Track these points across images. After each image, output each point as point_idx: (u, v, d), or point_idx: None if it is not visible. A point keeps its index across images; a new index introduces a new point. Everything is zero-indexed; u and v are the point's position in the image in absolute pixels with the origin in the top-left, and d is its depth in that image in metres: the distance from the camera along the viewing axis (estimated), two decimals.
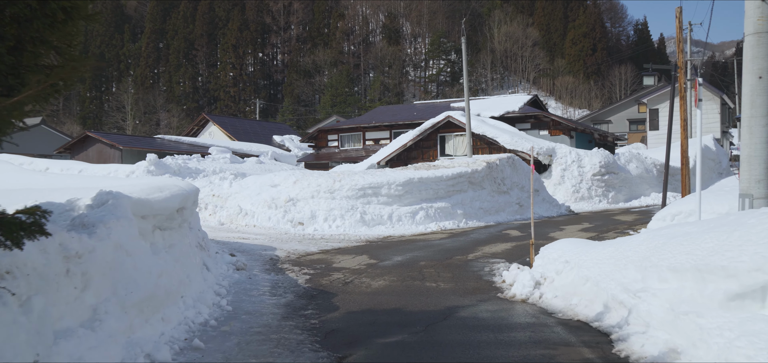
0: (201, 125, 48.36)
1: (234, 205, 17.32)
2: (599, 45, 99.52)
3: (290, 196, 17.03)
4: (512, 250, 12.02)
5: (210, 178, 19.04)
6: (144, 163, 19.98)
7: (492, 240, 13.84)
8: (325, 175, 17.87)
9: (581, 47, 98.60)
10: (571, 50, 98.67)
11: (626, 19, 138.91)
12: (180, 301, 5.69)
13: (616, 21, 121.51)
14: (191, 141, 38.04)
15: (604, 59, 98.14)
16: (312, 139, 38.59)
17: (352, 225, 16.17)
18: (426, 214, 16.98)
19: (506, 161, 20.67)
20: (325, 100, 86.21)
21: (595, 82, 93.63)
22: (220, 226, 16.66)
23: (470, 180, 18.66)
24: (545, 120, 31.45)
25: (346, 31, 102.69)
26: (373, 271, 9.37)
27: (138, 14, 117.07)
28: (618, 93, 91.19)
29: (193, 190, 6.65)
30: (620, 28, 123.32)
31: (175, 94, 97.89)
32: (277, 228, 16.15)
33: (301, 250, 11.95)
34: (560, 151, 27.48)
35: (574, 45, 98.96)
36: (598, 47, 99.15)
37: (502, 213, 19.34)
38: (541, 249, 8.38)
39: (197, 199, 7.45)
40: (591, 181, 26.71)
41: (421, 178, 17.46)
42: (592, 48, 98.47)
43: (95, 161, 28.78)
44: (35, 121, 57.94)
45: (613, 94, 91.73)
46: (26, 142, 46.97)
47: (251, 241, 13.45)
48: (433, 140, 30.31)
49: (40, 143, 43.01)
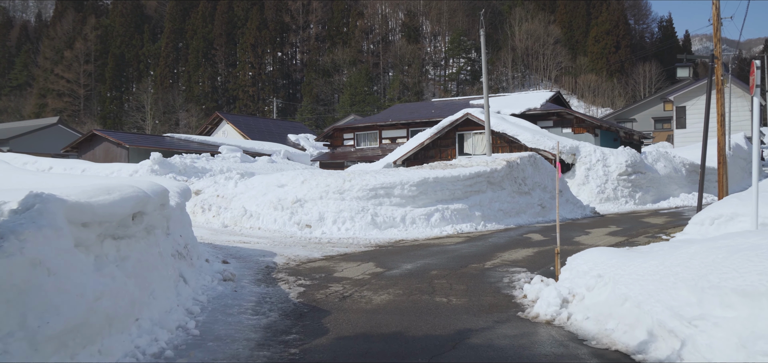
0: (215, 124, 47.63)
1: (238, 206, 16.40)
2: (622, 42, 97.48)
3: (297, 196, 16.06)
4: (534, 257, 10.92)
5: (215, 178, 18.16)
6: (148, 162, 19.15)
7: (512, 245, 12.74)
8: (334, 174, 16.88)
9: (604, 45, 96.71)
10: (593, 48, 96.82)
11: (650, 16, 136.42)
12: (132, 326, 4.72)
13: (639, 18, 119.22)
14: (201, 139, 37.20)
15: (628, 57, 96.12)
16: (327, 138, 37.63)
17: (362, 228, 15.16)
18: (442, 217, 15.91)
19: (527, 160, 19.52)
20: (343, 100, 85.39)
21: (618, 80, 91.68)
22: (223, 228, 15.75)
23: (489, 180, 17.54)
24: (568, 117, 30.18)
25: (365, 30, 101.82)
26: (378, 282, 8.34)
27: (158, 14, 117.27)
28: (642, 91, 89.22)
29: (157, 191, 5.67)
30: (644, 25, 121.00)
31: (194, 93, 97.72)
32: (282, 231, 15.20)
33: (303, 256, 10.96)
34: (584, 150, 26.24)
35: (597, 42, 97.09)
36: (622, 44, 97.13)
37: (523, 215, 18.20)
38: (568, 259, 7.28)
39: (169, 201, 6.46)
40: (617, 181, 25.43)
41: (436, 177, 16.39)
42: (616, 45, 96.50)
43: (102, 160, 28.12)
44: (52, 121, 57.82)
45: (637, 92, 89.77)
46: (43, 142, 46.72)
47: (251, 246, 12.49)
48: (451, 138, 29.20)
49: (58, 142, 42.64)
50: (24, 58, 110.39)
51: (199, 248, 9.86)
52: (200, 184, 17.92)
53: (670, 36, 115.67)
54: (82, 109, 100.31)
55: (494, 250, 11.85)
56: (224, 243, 12.92)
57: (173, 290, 6.24)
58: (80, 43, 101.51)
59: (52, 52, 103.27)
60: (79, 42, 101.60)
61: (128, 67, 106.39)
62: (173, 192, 8.59)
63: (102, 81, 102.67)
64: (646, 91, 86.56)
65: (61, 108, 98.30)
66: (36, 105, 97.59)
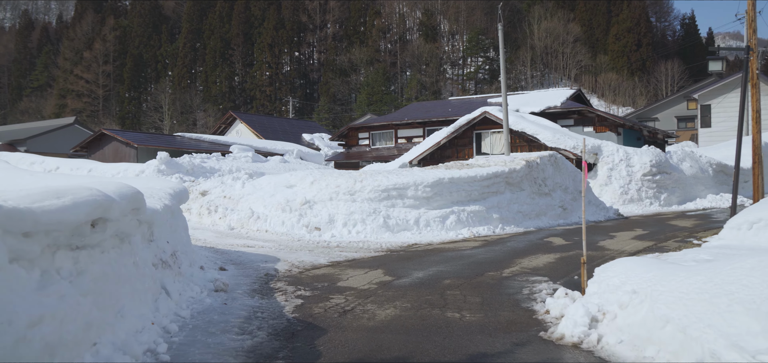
0: (228, 123, 47.16)
1: (245, 207, 15.74)
2: (644, 40, 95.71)
3: (306, 198, 15.37)
4: (556, 263, 10.11)
5: (223, 178, 17.52)
6: (154, 161, 18.58)
7: (532, 250, 11.92)
8: (345, 175, 16.16)
9: (625, 43, 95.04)
10: (614, 46, 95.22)
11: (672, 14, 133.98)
12: (86, 354, 4.02)
13: (661, 16, 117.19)
14: (213, 139, 36.63)
15: (649, 55, 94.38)
16: (342, 138, 36.95)
17: (373, 231, 14.42)
18: (457, 219, 15.12)
19: (548, 160, 18.66)
20: (361, 99, 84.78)
21: (639, 79, 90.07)
22: (229, 230, 15.10)
23: (508, 180, 16.72)
24: (590, 116, 29.20)
25: (383, 29, 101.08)
26: (384, 293, 7.59)
27: (175, 15, 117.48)
28: (664, 90, 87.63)
29: (127, 194, 4.97)
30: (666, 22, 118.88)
31: (212, 93, 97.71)
32: (290, 234, 14.51)
33: (308, 262, 10.25)
34: (607, 150, 25.29)
35: (618, 40, 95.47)
36: (643, 43, 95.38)
37: (543, 217, 17.35)
38: (597, 270, 6.48)
39: (145, 204, 5.75)
40: (641, 181, 24.45)
41: (452, 178, 15.61)
42: (637, 43, 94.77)
43: (111, 160, 27.66)
44: (68, 121, 57.83)
45: (658, 91, 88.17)
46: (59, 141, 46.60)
47: (255, 250, 11.81)
48: (469, 138, 28.36)
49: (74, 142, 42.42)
50: (44, 59, 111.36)
51: (195, 254, 9.19)
52: (207, 184, 17.30)
53: (693, 34, 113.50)
54: (101, 109, 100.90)
55: (513, 256, 11.05)
56: (227, 247, 12.26)
57: (150, 306, 5.55)
58: (99, 43, 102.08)
59: (72, 53, 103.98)
60: (98, 43, 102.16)
61: (146, 68, 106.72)
62: (164, 194, 7.92)
63: (120, 81, 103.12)
64: (668, 90, 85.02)
65: (81, 108, 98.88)
66: (56, 105, 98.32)
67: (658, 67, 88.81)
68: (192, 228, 15.44)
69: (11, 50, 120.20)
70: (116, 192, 4.79)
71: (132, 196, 5.08)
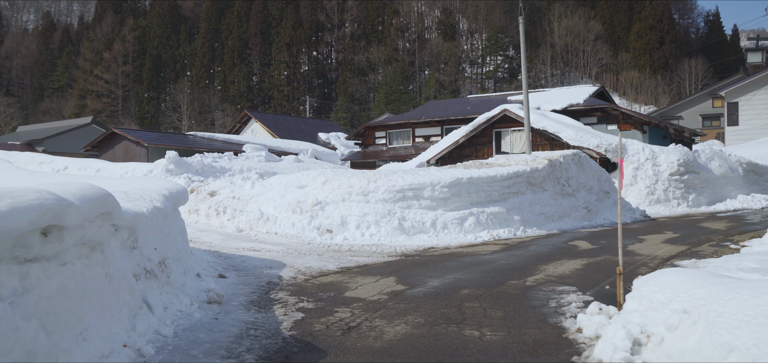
0: (243, 122, 46.65)
1: (255, 208, 15.09)
2: (667, 38, 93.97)
3: (318, 198, 14.68)
4: (584, 271, 9.31)
5: (232, 178, 16.90)
6: (163, 161, 18.02)
7: (556, 255, 11.12)
8: (358, 174, 15.45)
9: (647, 40, 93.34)
10: (636, 44, 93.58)
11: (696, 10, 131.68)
12: None
13: (684, 12, 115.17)
14: (226, 138, 36.10)
15: (673, 52, 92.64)
16: (358, 137, 36.26)
17: (388, 233, 13.69)
18: (476, 221, 14.34)
19: (571, 159, 17.80)
20: (379, 98, 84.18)
21: (662, 77, 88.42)
22: (238, 233, 14.45)
23: (529, 180, 15.91)
24: (614, 113, 28.21)
25: (401, 28, 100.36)
26: (396, 305, 6.86)
27: (194, 15, 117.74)
28: (687, 88, 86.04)
29: (91, 196, 4.28)
30: (689, 20, 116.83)
31: (230, 93, 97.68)
32: (301, 236, 13.83)
33: (316, 269, 9.55)
34: (632, 148, 24.32)
35: (640, 38, 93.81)
36: (666, 40, 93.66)
37: (566, 219, 16.51)
38: (635, 282, 5.69)
39: (119, 208, 5.07)
40: (668, 181, 23.47)
41: (470, 178, 14.84)
42: (660, 41, 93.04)
43: (122, 159, 27.24)
44: (86, 121, 57.91)
45: (681, 89, 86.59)
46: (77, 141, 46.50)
47: (262, 254, 11.14)
48: (488, 136, 27.53)
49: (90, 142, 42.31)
50: (65, 60, 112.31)
51: (193, 260, 8.53)
52: (216, 184, 16.68)
53: (718, 31, 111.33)
54: (120, 109, 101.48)
55: (536, 262, 10.26)
56: (232, 250, 11.60)
57: (126, 323, 4.87)
58: (118, 44, 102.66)
59: (92, 54, 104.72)
60: (118, 43, 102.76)
61: (165, 68, 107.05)
62: (156, 195, 7.26)
63: (139, 81, 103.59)
64: (691, 88, 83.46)
65: (100, 109, 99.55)
66: (76, 106, 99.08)
67: (682, 65, 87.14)
68: (199, 230, 14.85)
69: (33, 52, 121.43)
70: (77, 194, 4.10)
71: (98, 199, 4.39)
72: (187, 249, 8.28)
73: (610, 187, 19.06)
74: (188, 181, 16.92)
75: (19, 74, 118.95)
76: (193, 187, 16.77)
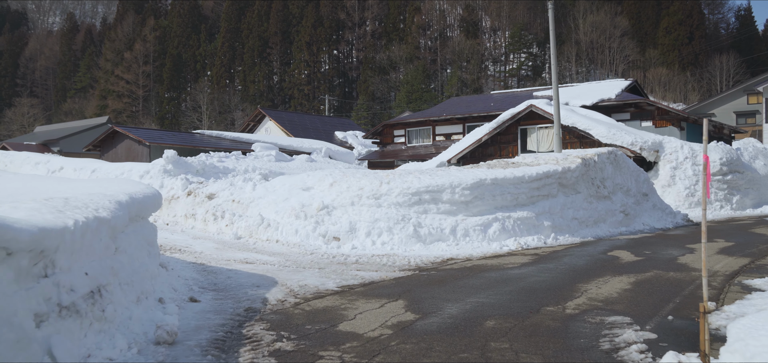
0: (257, 121, 45.25)
1: (255, 213, 13.65)
2: (696, 33, 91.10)
3: (324, 202, 13.19)
4: (635, 292, 7.70)
5: (233, 180, 15.48)
6: (160, 160, 16.67)
7: (597, 269, 9.51)
8: (370, 175, 13.93)
9: (676, 36, 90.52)
10: (664, 39, 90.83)
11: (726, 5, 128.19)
12: None
13: (714, 8, 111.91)
14: (235, 136, 34.66)
15: (703, 48, 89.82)
16: (376, 135, 34.73)
17: (402, 241, 12.17)
18: (501, 227, 12.75)
19: (607, 157, 16.11)
20: (400, 97, 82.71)
21: (691, 74, 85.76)
22: (235, 240, 13.02)
23: (561, 181, 14.27)
24: (648, 109, 26.34)
25: (422, 26, 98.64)
26: (401, 346, 5.32)
27: (214, 14, 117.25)
28: (718, 84, 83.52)
29: None
30: (719, 15, 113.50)
31: (250, 93, 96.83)
32: (305, 244, 12.35)
33: (312, 287, 8.07)
34: (669, 146, 22.54)
35: (669, 34, 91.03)
36: (696, 35, 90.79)
37: (602, 225, 14.84)
38: (731, 327, 4.10)
39: (4, 227, 3.60)
40: None
41: (495, 179, 13.25)
42: (689, 36, 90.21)
43: (124, 159, 26.02)
44: (101, 121, 57.22)
45: (712, 86, 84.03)
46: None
47: (254, 268, 9.68)
48: (513, 134, 25.86)
49: None
50: (88, 61, 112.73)
51: (159, 281, 7.09)
52: (215, 186, 15.26)
53: (749, 26, 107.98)
54: (141, 109, 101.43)
55: (574, 278, 8.67)
56: (222, 263, 10.17)
57: None
58: (139, 44, 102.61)
59: (113, 54, 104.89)
60: (138, 43, 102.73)
61: (185, 68, 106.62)
62: (107, 202, 5.82)
63: (160, 82, 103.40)
64: (723, 85, 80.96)
65: (121, 109, 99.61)
66: (97, 107, 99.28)
67: (712, 61, 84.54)
68: (193, 237, 13.45)
69: (56, 53, 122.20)
70: None
71: None
72: (152, 267, 6.82)
73: (648, 188, 17.32)
74: (185, 183, 15.54)
75: (42, 75, 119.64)
76: (190, 189, 15.39)
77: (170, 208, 15.44)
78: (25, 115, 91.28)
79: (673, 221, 16.99)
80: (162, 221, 15.06)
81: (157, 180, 16.25)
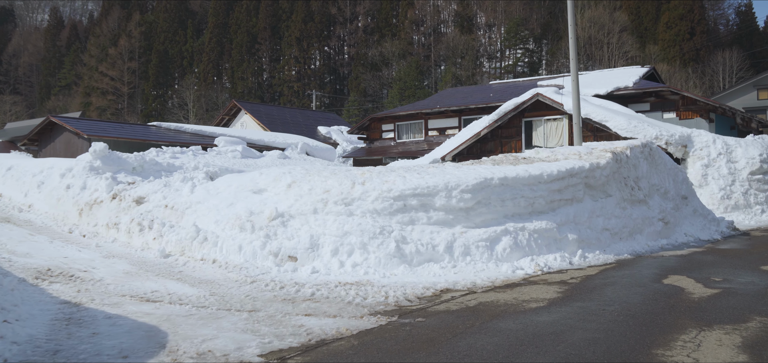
0: (232, 114, 41.65)
1: (189, 223, 10.40)
2: (698, 28, 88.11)
3: (279, 209, 9.97)
4: None
5: (168, 180, 12.24)
6: (86, 156, 13.46)
7: (664, 313, 6.32)
8: (339, 173, 10.68)
9: (677, 31, 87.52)
10: (665, 35, 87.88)
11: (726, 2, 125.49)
12: None
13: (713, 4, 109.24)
14: (197, 129, 30.98)
15: (704, 44, 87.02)
16: (363, 130, 31.44)
17: (380, 262, 8.96)
18: (514, 242, 9.54)
19: (640, 152, 12.92)
20: (392, 94, 79.73)
21: (693, 70, 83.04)
22: (162, 259, 9.77)
23: (588, 181, 11.07)
24: (672, 98, 23.19)
25: (416, 21, 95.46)
26: None
27: (202, 9, 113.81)
28: (721, 80, 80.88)
29: None
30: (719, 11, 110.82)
31: (238, 89, 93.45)
32: (250, 266, 9.13)
33: (215, 358, 4.87)
34: (699, 140, 19.40)
35: (669, 29, 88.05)
36: (697, 31, 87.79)
37: (638, 236, 11.63)
38: None
39: None
40: (748, 182, 18.51)
41: (504, 178, 10.06)
42: (690, 32, 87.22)
43: (62, 154, 22.54)
44: (74, 116, 53.87)
45: (714, 82, 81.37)
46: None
47: (151, 311, 6.47)
48: (516, 127, 22.69)
49: None
50: (73, 57, 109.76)
51: None
52: (145, 188, 11.99)
53: (750, 22, 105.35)
54: (126, 106, 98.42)
55: (641, 334, 5.48)
56: (114, 300, 6.94)
57: None
58: (124, 40, 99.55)
59: (98, 50, 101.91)
60: (123, 39, 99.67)
61: (172, 64, 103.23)
62: None
63: (145, 78, 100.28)
64: (725, 81, 78.38)
65: (105, 106, 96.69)
66: (81, 104, 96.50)
67: (714, 57, 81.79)
68: (105, 255, 10.14)
69: (40, 49, 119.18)
70: None
71: None
72: None
73: (687, 190, 14.13)
74: (111, 184, 12.29)
75: (26, 72, 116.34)
76: (115, 192, 12.13)
77: (91, 216, 12.19)
78: (7, 112, 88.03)
79: (718, 230, 13.82)
80: (79, 232, 11.81)
81: (80, 179, 12.98)
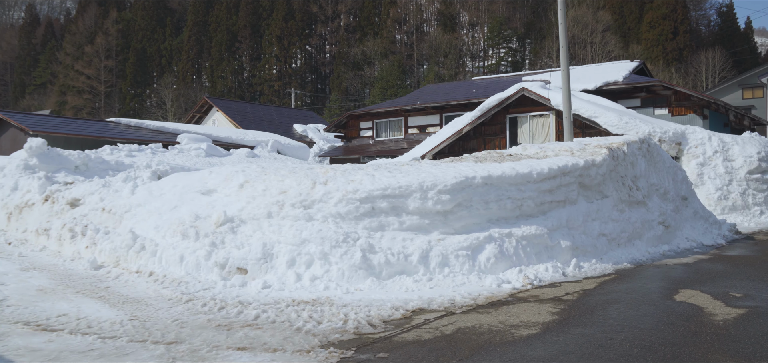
0: (204, 111, 40.00)
1: (126, 230, 8.99)
2: (681, 28, 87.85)
3: (228, 213, 8.59)
4: None
5: (108, 180, 10.82)
6: (21, 153, 12.01)
7: (686, 344, 5.07)
8: (298, 172, 9.32)
9: (660, 31, 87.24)
10: (648, 34, 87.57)
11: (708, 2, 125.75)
12: None
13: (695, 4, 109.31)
14: (158, 126, 29.29)
15: (687, 43, 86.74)
16: (340, 128, 30.07)
17: (343, 275, 7.63)
18: (499, 251, 8.24)
19: (638, 148, 11.69)
20: (374, 93, 78.58)
21: (676, 70, 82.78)
22: (92, 272, 8.37)
23: (582, 180, 9.81)
24: (664, 93, 22.08)
25: (398, 20, 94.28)
26: None
27: (181, 7, 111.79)
28: (704, 80, 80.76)
29: None
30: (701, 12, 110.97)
31: (218, 88, 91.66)
32: (192, 280, 7.76)
33: None
34: (694, 138, 18.29)
35: (652, 28, 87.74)
36: (680, 30, 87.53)
37: (637, 242, 10.39)
38: None
39: None
40: (745, 181, 17.43)
41: (487, 177, 8.76)
42: (673, 31, 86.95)
43: (9, 151, 20.88)
44: (43, 114, 52.00)
45: (697, 82, 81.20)
46: None
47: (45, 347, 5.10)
48: (500, 124, 21.46)
49: None
50: (48, 55, 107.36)
51: None
52: (82, 188, 10.56)
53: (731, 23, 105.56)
54: (103, 105, 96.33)
55: None
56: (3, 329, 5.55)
57: None
58: (101, 38, 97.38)
59: (74, 48, 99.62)
60: (100, 37, 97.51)
61: (150, 62, 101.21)
62: None
63: (123, 77, 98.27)
64: (708, 81, 78.28)
65: (81, 105, 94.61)
66: (56, 103, 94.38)
67: (697, 57, 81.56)
68: (24, 267, 8.69)
69: (15, 47, 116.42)
70: None
71: None
72: None
73: (687, 190, 12.94)
74: (44, 184, 10.85)
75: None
76: (48, 193, 10.69)
77: (21, 220, 10.73)
78: None
79: (720, 234, 12.65)
80: (5, 239, 10.35)
81: (12, 179, 11.52)
